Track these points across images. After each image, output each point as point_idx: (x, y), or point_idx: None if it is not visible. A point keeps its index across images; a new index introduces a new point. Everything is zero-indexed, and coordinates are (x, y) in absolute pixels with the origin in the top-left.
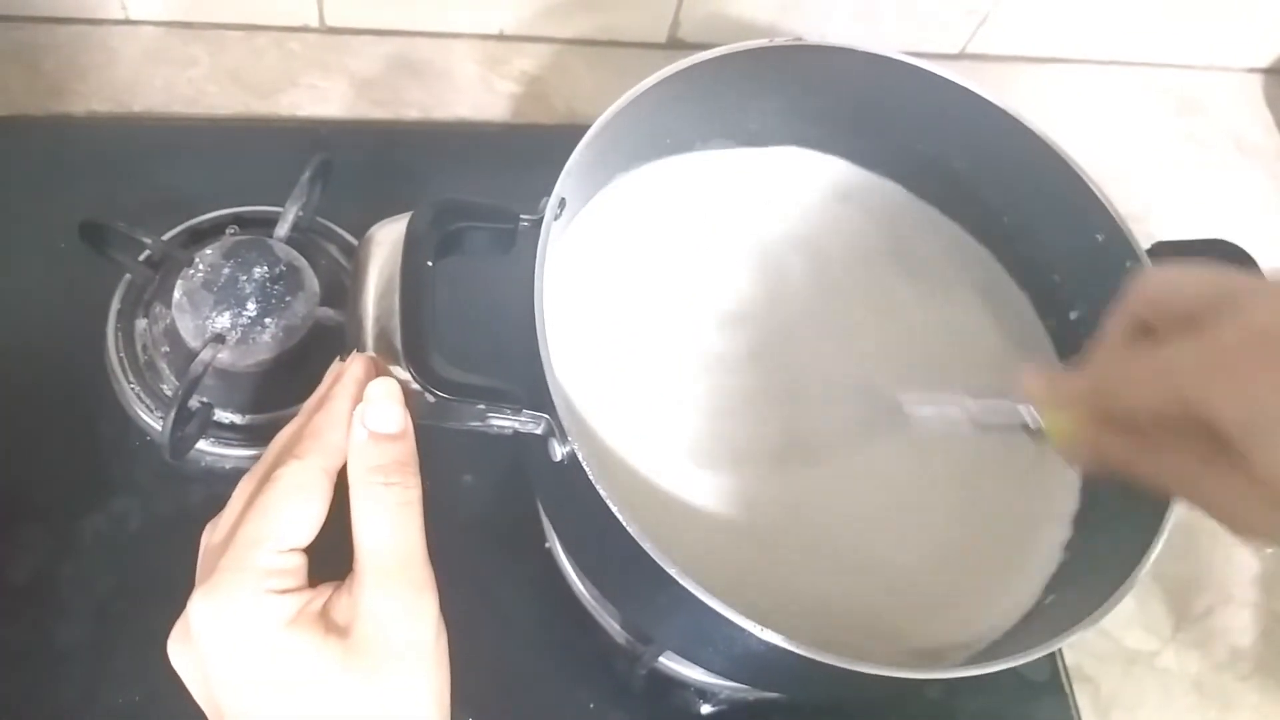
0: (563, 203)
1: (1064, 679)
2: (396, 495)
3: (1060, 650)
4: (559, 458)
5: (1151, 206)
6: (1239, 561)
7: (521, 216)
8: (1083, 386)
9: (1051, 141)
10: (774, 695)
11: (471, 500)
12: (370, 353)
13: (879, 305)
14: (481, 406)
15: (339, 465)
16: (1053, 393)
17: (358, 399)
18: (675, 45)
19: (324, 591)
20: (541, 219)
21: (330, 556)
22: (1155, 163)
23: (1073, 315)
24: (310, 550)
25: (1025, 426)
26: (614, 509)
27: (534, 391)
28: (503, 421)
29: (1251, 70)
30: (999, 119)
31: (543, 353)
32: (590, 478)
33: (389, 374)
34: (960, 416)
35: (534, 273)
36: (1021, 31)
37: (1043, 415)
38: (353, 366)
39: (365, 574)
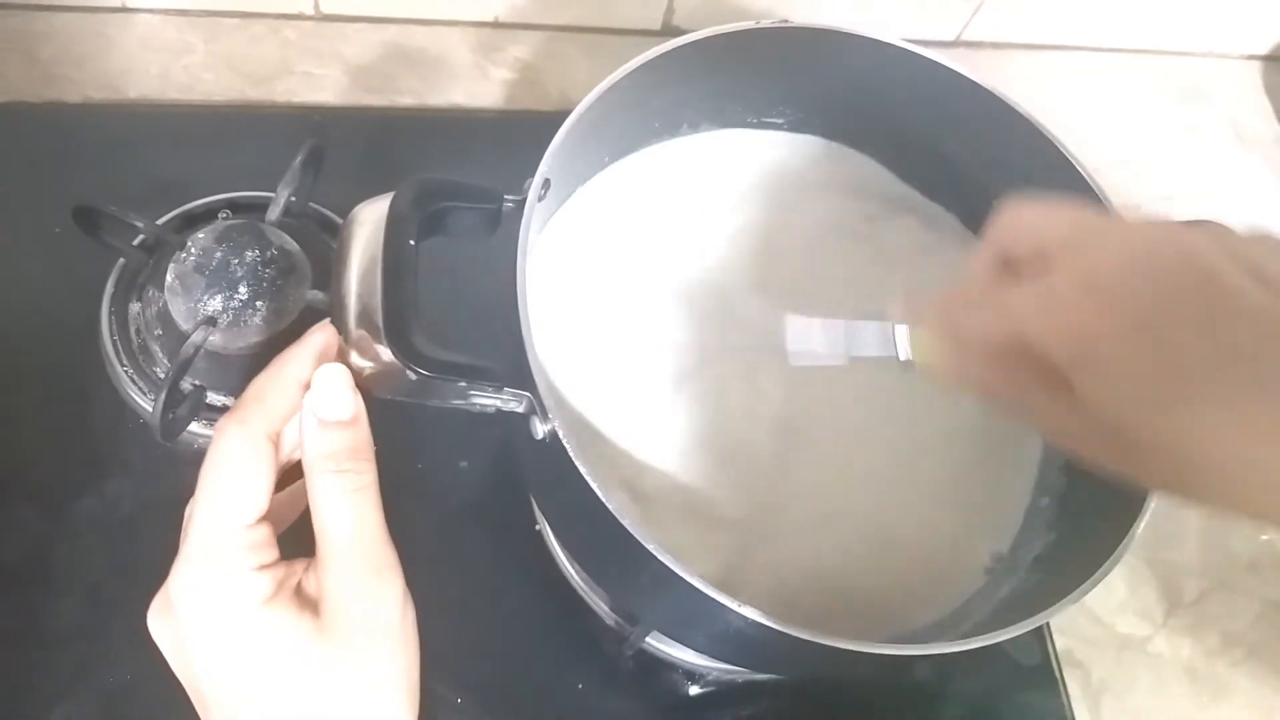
0: (547, 183)
1: (1054, 664)
2: (350, 481)
3: (1051, 635)
4: (540, 436)
5: (1150, 194)
6: (1232, 547)
7: (506, 197)
8: (937, 310)
9: (1039, 124)
10: (763, 676)
11: (466, 485)
12: (355, 330)
13: (862, 291)
14: (463, 384)
15: (281, 427)
16: (916, 312)
17: (310, 369)
18: (670, 32)
19: (298, 568)
20: (525, 199)
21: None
22: (1154, 150)
23: None
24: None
25: (896, 358)
26: (593, 486)
27: (515, 370)
28: (484, 399)
29: (1251, 57)
30: (989, 103)
31: (524, 331)
32: (570, 455)
33: (370, 353)
34: (838, 345)
35: (516, 253)
36: (1018, 18)
37: (911, 336)
38: (314, 336)
39: (326, 557)
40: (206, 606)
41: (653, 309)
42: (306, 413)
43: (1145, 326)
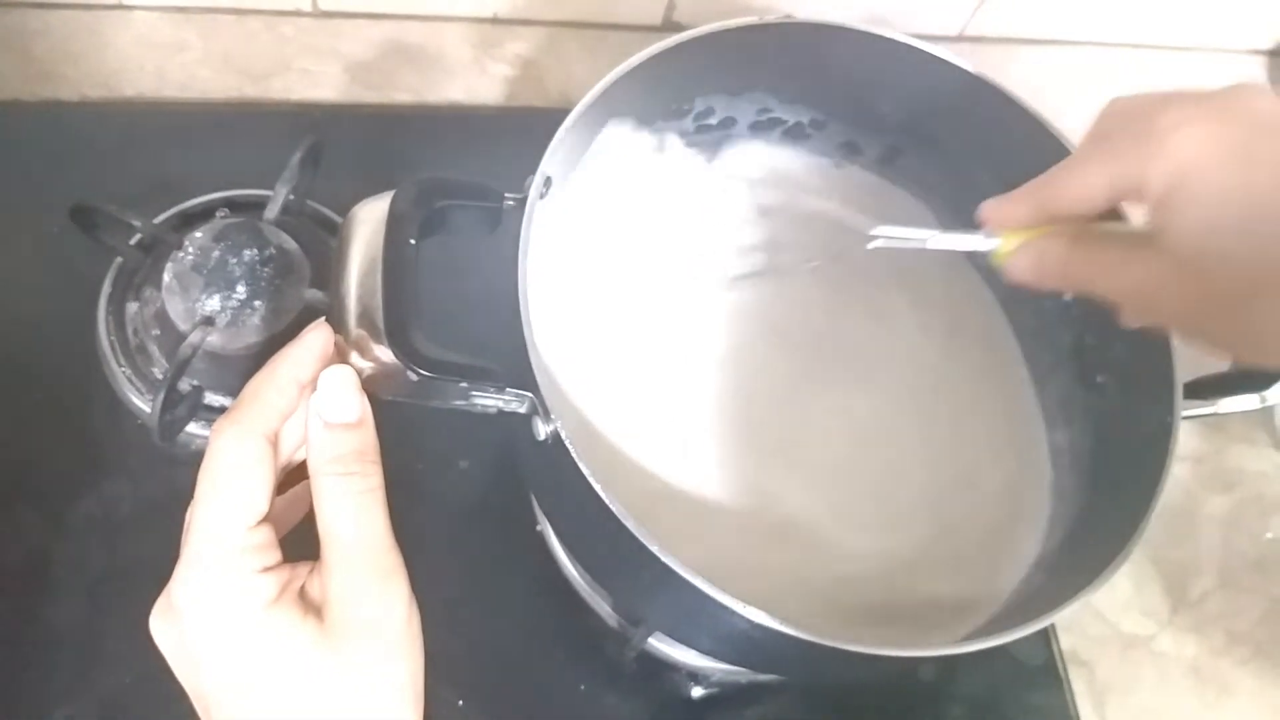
0: (548, 182)
1: (1059, 663)
2: (356, 484)
3: (1056, 634)
4: (543, 436)
5: None
6: (1237, 546)
7: (506, 196)
8: (1031, 188)
9: (1044, 119)
10: (766, 677)
11: (466, 485)
12: (355, 330)
13: (862, 286)
14: (464, 385)
15: (279, 427)
16: (1003, 206)
17: (309, 369)
18: (670, 28)
19: (302, 571)
20: (526, 198)
21: (309, 535)
22: None
23: (1067, 296)
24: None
25: (977, 250)
26: (596, 487)
27: (517, 370)
28: (486, 400)
29: (1254, 52)
30: (993, 98)
31: (526, 332)
32: (573, 456)
33: (370, 354)
34: (919, 241)
35: (518, 252)
36: (1022, 12)
37: (999, 236)
38: (310, 335)
39: (330, 561)
40: (210, 610)
41: (656, 307)
42: (312, 415)
43: (1239, 151)
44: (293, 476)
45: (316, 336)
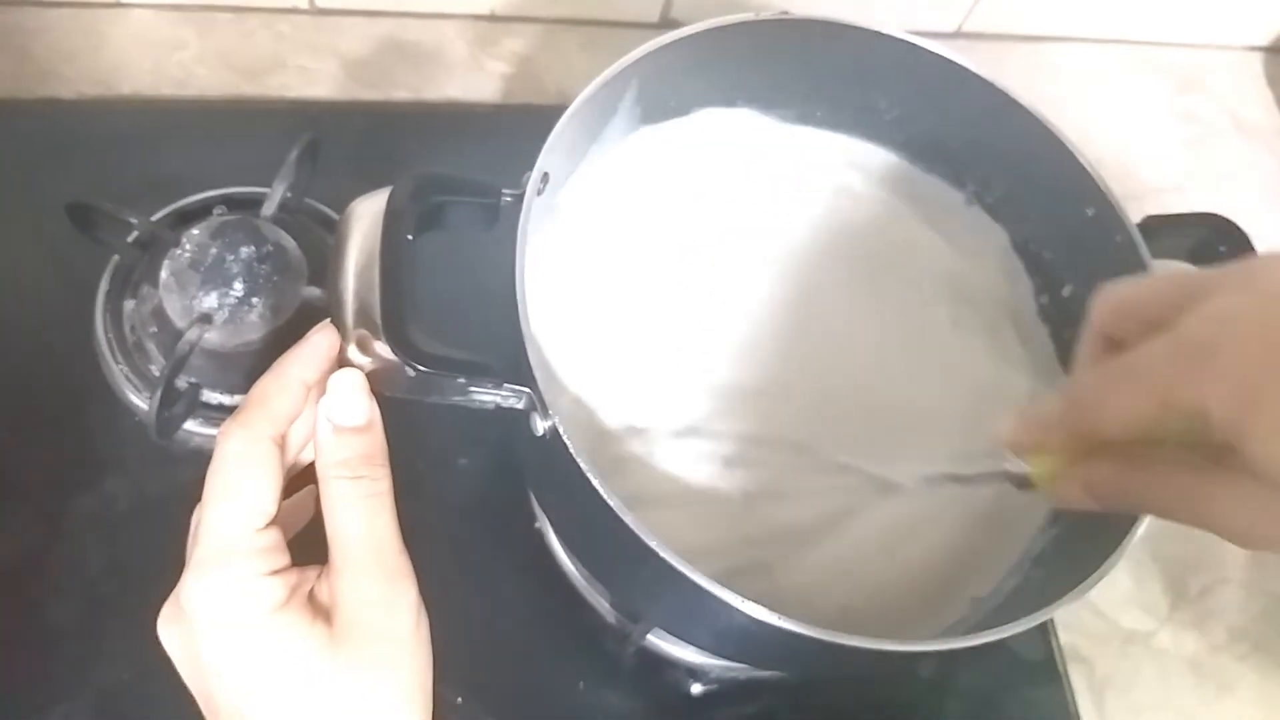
0: (545, 178)
1: (1059, 659)
2: (365, 488)
3: (1055, 630)
4: (541, 432)
5: (1151, 186)
6: None
7: (504, 192)
8: (1061, 413)
9: (1041, 116)
10: (765, 674)
11: (465, 483)
12: (354, 327)
13: (861, 282)
14: (462, 380)
15: (285, 430)
16: (1031, 431)
17: (315, 371)
18: (667, 24)
19: (310, 574)
20: (523, 194)
21: (318, 538)
22: (1154, 142)
23: (1065, 292)
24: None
25: (1011, 479)
26: (595, 482)
27: (515, 365)
28: (484, 396)
29: (1251, 48)
30: (990, 95)
31: (524, 327)
32: (570, 451)
33: (369, 350)
34: (951, 484)
35: (515, 247)
36: (1019, 9)
37: (1027, 460)
38: (315, 338)
39: (338, 565)
40: (218, 614)
41: (654, 303)
42: (320, 418)
43: None
44: (298, 479)
45: (323, 338)
